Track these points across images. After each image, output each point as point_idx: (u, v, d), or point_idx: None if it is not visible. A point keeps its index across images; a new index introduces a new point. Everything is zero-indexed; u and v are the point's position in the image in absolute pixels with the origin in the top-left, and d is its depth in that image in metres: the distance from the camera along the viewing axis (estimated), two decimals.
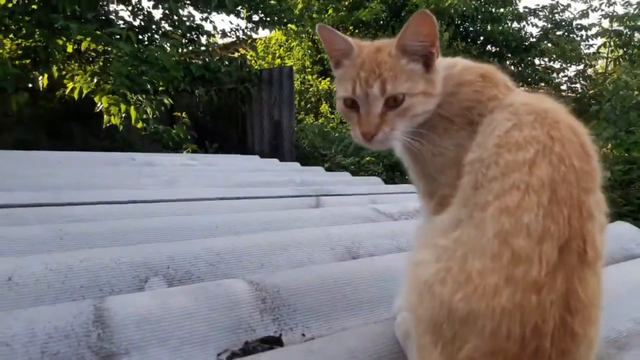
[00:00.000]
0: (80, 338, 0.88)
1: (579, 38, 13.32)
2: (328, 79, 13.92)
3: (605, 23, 12.33)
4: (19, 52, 7.09)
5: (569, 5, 13.07)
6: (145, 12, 8.24)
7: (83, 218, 1.70)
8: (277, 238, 1.58)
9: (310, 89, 14.05)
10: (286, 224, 1.84)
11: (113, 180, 2.50)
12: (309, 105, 14.14)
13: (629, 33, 12.44)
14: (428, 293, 0.75)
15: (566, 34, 13.48)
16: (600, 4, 11.72)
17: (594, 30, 12.85)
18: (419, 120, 0.95)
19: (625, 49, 13.12)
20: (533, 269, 0.69)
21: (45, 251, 1.31)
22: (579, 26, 13.22)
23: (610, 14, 11.77)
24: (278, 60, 15.21)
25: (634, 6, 12.16)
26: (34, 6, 6.42)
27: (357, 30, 14.24)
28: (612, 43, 12.79)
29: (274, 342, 1.01)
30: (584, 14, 12.61)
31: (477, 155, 0.83)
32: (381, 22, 13.79)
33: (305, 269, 1.31)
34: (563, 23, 13.56)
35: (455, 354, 0.71)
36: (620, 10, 12.70)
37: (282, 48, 15.55)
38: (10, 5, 6.23)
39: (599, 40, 12.93)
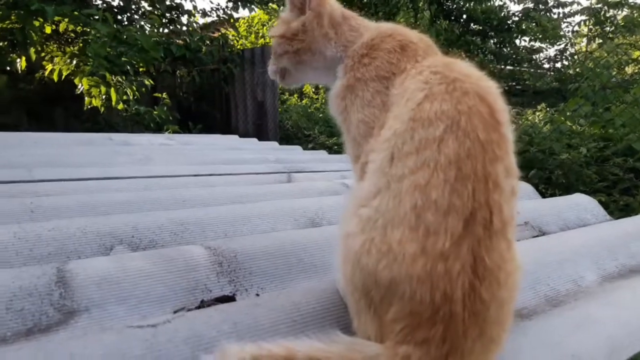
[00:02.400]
0: (44, 296, 0.95)
1: (555, 16, 13.37)
2: None
3: (583, 1, 12.41)
4: None
5: None
6: None
7: (54, 193, 1.75)
8: (243, 210, 1.64)
9: None
10: (254, 197, 1.91)
11: (88, 158, 2.54)
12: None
13: (604, 10, 12.54)
14: (358, 264, 0.83)
15: (545, 12, 13.52)
16: None
17: (570, 9, 12.92)
18: (284, 59, 1.16)
19: (601, 26, 13.24)
20: (439, 241, 0.76)
21: (15, 222, 1.36)
22: (556, 3, 13.25)
23: None
24: (262, 40, 15.10)
25: None
26: None
27: None
28: (589, 21, 12.88)
29: (227, 300, 1.08)
30: None
31: (394, 130, 0.88)
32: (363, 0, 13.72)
33: (264, 235, 1.38)
34: (541, 1, 13.57)
35: (383, 315, 0.80)
36: None
37: (265, 27, 15.43)
38: None
39: (577, 18, 13.02)
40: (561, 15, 13.25)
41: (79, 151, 2.81)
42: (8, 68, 7.29)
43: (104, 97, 6.78)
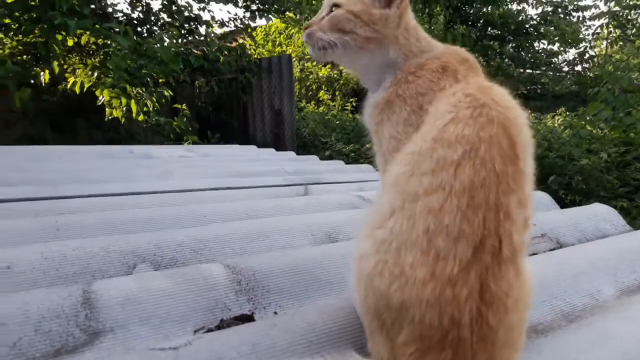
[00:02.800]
0: (70, 318, 0.99)
1: (576, 20, 13.23)
2: (328, 66, 13.93)
3: (602, 5, 12.24)
4: (20, 47, 7.18)
5: None
6: (144, 4, 8.30)
7: (78, 210, 1.81)
8: (260, 225, 1.68)
9: (311, 77, 14.07)
10: (271, 212, 1.95)
11: (109, 173, 2.61)
12: (309, 93, 14.16)
13: (626, 13, 12.35)
14: (371, 286, 0.85)
15: (563, 16, 13.39)
16: None
17: (591, 12, 12.75)
18: (347, 38, 1.08)
19: (622, 30, 13.04)
20: (448, 266, 0.78)
21: (41, 241, 1.41)
22: (575, 7, 13.11)
23: None
24: (279, 48, 15.22)
25: None
26: (33, 2, 6.49)
27: None
28: (611, 24, 12.70)
29: (246, 320, 1.11)
30: None
31: (418, 147, 0.90)
32: None
33: (281, 252, 1.41)
34: (560, 5, 13.45)
35: (395, 338, 0.82)
36: None
37: (282, 35, 15.56)
38: (9, 1, 6.32)
39: (597, 22, 12.85)
40: (580, 18, 13.10)
41: (101, 165, 2.89)
42: (32, 81, 7.46)
43: (124, 108, 6.91)
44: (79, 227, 1.58)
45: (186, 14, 8.28)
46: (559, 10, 13.49)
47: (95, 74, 7.07)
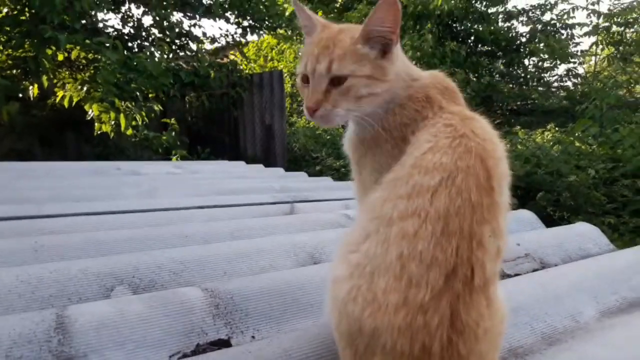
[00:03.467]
0: (42, 343, 0.98)
1: (564, 37, 13.41)
2: None
3: (594, 20, 12.42)
4: (9, 62, 7.18)
5: (556, 4, 13.12)
6: (135, 20, 8.34)
7: (59, 230, 1.79)
8: (242, 246, 1.67)
9: None
10: (255, 232, 1.94)
11: (95, 191, 2.59)
12: (301, 108, 14.20)
13: (620, 30, 12.51)
14: (344, 311, 0.84)
15: (553, 33, 13.57)
16: (587, 4, 11.80)
17: (582, 30, 12.91)
18: (363, 102, 0.99)
19: (616, 47, 13.21)
20: (420, 293, 0.78)
21: (19, 263, 1.40)
22: (564, 25, 13.31)
23: (595, 11, 11.85)
24: (270, 63, 15.30)
25: (621, 2, 12.24)
26: (23, 17, 6.50)
27: None
28: (602, 41, 12.86)
29: (223, 345, 1.10)
30: (567, 14, 12.73)
31: (395, 175, 0.91)
32: None
33: (261, 275, 1.40)
34: (549, 23, 13.65)
35: None
36: (604, 7, 12.79)
37: (273, 51, 15.66)
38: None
39: (589, 39, 13.00)
40: (569, 36, 13.28)
41: (87, 182, 2.87)
42: (21, 95, 7.44)
43: (113, 122, 6.90)
44: (58, 248, 1.57)
45: (177, 30, 8.32)
46: (548, 28, 13.68)
47: (85, 88, 7.07)
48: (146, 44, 8.29)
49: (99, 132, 7.02)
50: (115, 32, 7.93)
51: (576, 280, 1.65)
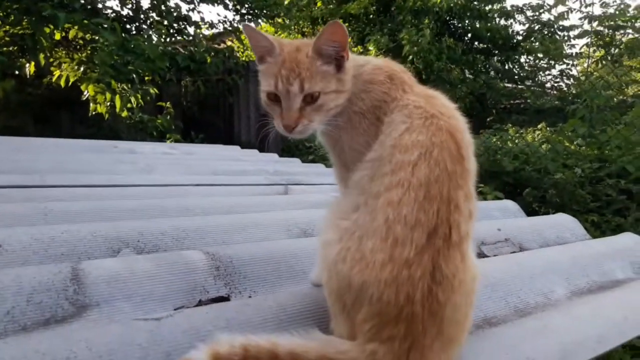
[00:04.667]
0: (60, 291, 1.07)
1: (561, 38, 13.54)
2: None
3: (586, 24, 12.56)
4: (7, 38, 7.17)
5: (555, 5, 13.23)
6: (134, 2, 8.34)
7: (64, 198, 1.88)
8: (240, 219, 1.77)
9: None
10: (251, 208, 2.04)
11: (94, 165, 2.68)
12: None
13: (610, 33, 12.68)
14: (334, 270, 0.96)
15: (549, 34, 13.69)
16: (580, 7, 11.93)
17: (575, 32, 13.07)
18: (332, 113, 1.12)
19: (606, 49, 13.38)
20: (406, 250, 0.90)
21: (31, 225, 1.49)
22: (561, 27, 13.44)
23: (589, 14, 11.99)
24: None
25: (612, 6, 12.40)
26: None
27: (346, 24, 14.34)
28: (594, 43, 13.02)
29: (223, 301, 1.20)
30: (561, 16, 12.87)
31: (378, 154, 1.03)
32: (370, 15, 13.91)
33: (258, 244, 1.51)
34: (547, 24, 13.77)
35: (354, 316, 0.93)
36: (597, 10, 12.92)
37: None
38: None
39: (582, 41, 13.15)
40: (565, 37, 13.41)
41: (86, 158, 2.94)
42: (17, 72, 7.45)
43: (108, 104, 6.93)
44: (66, 213, 1.66)
45: (175, 13, 8.33)
46: (546, 27, 13.80)
47: (82, 69, 7.08)
48: (144, 26, 8.30)
49: (93, 113, 7.05)
50: (114, 14, 7.94)
51: (550, 262, 1.77)
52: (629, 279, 1.86)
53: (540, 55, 14.10)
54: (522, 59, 14.83)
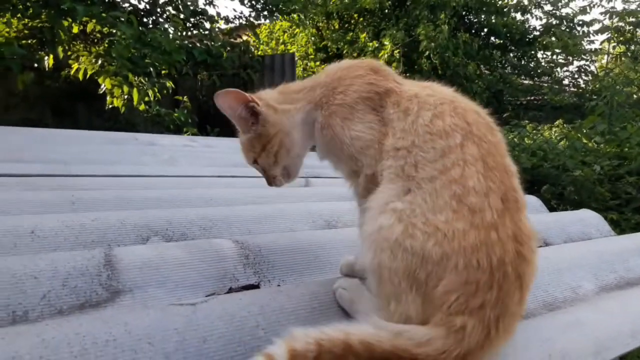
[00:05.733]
0: (94, 277, 1.08)
1: (580, 34, 13.37)
2: None
3: (607, 20, 12.40)
4: (26, 31, 7.23)
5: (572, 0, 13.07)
6: None
7: (91, 187, 1.90)
8: (265, 210, 1.77)
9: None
10: (275, 199, 2.04)
11: (117, 156, 2.69)
12: None
13: (631, 29, 12.50)
14: (400, 248, 0.93)
15: (567, 29, 13.53)
16: (601, 0, 11.77)
17: (595, 27, 12.91)
18: (292, 150, 1.29)
19: (627, 45, 13.20)
20: (487, 215, 0.91)
21: (60, 212, 1.50)
22: (580, 22, 13.26)
23: (610, 9, 11.83)
24: (282, 47, 15.29)
25: (635, 2, 12.22)
26: None
27: (361, 19, 14.29)
28: (614, 39, 12.85)
29: (252, 289, 1.21)
30: (583, 11, 12.70)
31: (409, 142, 1.03)
32: (386, 10, 13.85)
33: (285, 234, 1.51)
34: (566, 18, 13.60)
35: (431, 291, 0.90)
36: (619, 6, 12.77)
37: (286, 34, 15.64)
38: None
39: (601, 37, 13.01)
40: (584, 33, 13.24)
41: (107, 149, 2.96)
42: (36, 65, 7.52)
43: (125, 97, 6.97)
44: (94, 202, 1.67)
45: (192, 8, 8.36)
46: (564, 23, 13.63)
47: (99, 62, 7.13)
48: (161, 20, 8.33)
49: (110, 106, 7.10)
50: (131, 7, 7.97)
51: (577, 258, 1.75)
52: None
53: (557, 50, 13.94)
54: (540, 55, 14.68)
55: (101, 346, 0.80)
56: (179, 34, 8.04)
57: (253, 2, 9.14)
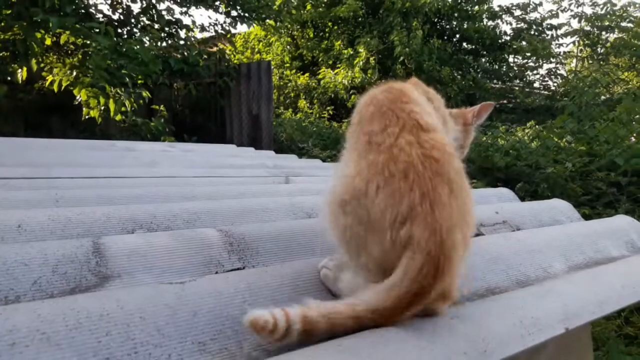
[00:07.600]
0: (83, 263, 1.11)
1: (549, 37, 13.73)
2: (307, 74, 14.14)
3: (575, 23, 12.77)
4: None
5: (540, 4, 13.43)
6: (125, 6, 8.36)
7: (73, 188, 1.91)
8: (247, 203, 1.82)
9: (289, 84, 14.24)
10: (257, 194, 2.08)
11: (97, 161, 2.71)
12: (287, 100, 14.34)
13: (596, 32, 12.91)
14: (333, 204, 1.05)
15: (536, 33, 13.88)
16: (570, 5, 12.13)
17: (563, 30, 13.28)
18: None
19: (593, 48, 13.61)
20: (387, 141, 1.02)
21: (45, 207, 1.53)
22: (549, 26, 13.63)
23: (579, 14, 12.20)
24: (257, 55, 15.36)
25: (601, 6, 12.62)
26: None
27: (335, 27, 14.45)
28: (581, 42, 13.23)
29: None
30: (553, 14, 13.06)
31: None
32: (360, 18, 14.04)
33: (268, 223, 1.55)
34: (535, 22, 13.95)
35: (373, 219, 0.95)
36: (588, 10, 13.16)
37: (261, 43, 15.71)
38: None
39: (569, 40, 13.38)
40: (553, 36, 13.60)
41: (87, 155, 2.98)
42: (9, 78, 7.43)
43: (102, 108, 6.93)
44: (77, 200, 1.70)
45: (167, 17, 8.37)
46: (533, 27, 13.98)
47: (74, 73, 7.08)
48: (136, 30, 8.33)
49: (86, 117, 7.06)
50: (105, 18, 7.95)
51: (548, 240, 1.83)
52: (624, 256, 1.92)
53: (528, 54, 14.29)
54: (510, 59, 15.02)
55: (95, 320, 0.84)
56: (155, 44, 8.04)
57: (228, 9, 9.18)
